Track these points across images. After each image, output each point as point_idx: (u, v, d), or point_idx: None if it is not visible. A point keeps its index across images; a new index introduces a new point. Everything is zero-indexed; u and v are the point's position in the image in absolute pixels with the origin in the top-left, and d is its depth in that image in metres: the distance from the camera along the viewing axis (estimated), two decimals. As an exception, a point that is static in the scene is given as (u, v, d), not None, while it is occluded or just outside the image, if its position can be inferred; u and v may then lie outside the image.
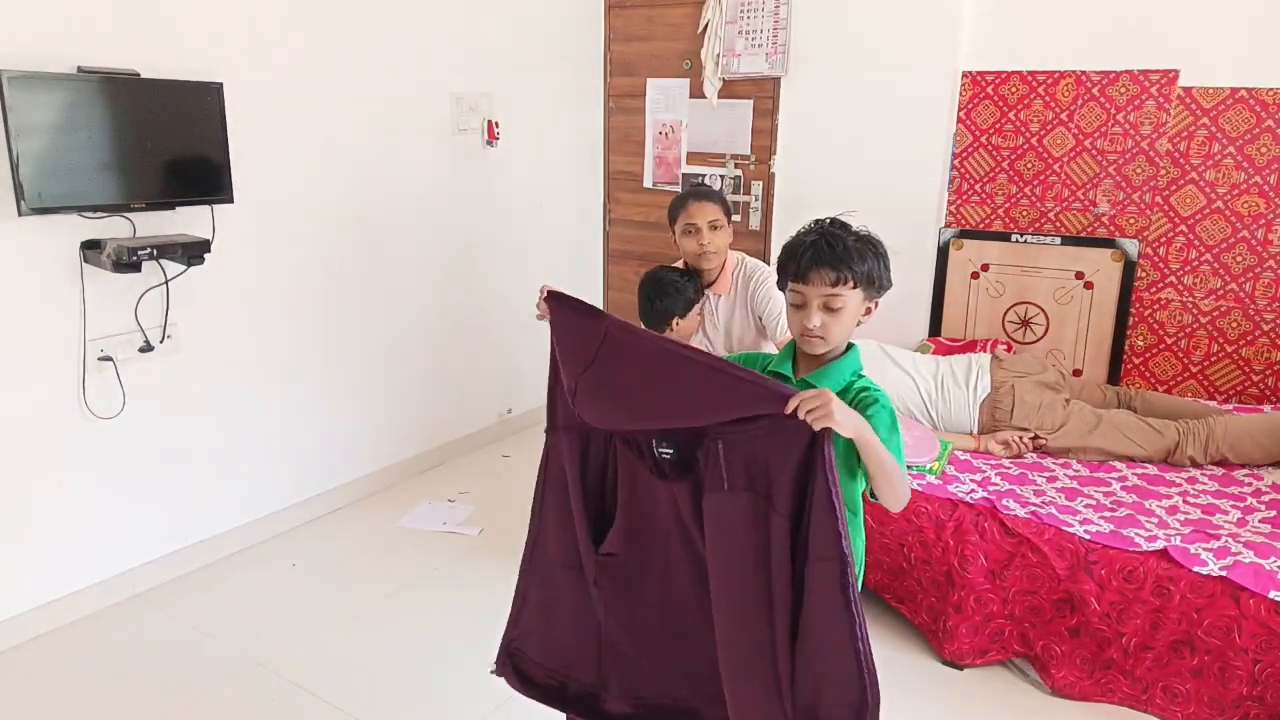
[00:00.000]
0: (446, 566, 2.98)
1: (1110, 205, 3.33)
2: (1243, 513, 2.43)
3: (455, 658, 2.50)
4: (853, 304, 1.51)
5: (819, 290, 1.49)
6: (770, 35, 3.72)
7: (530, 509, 1.74)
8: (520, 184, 3.97)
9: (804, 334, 1.51)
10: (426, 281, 3.62)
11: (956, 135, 3.55)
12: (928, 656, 2.50)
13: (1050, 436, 2.77)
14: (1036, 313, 3.50)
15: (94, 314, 2.55)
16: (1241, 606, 2.09)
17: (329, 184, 3.15)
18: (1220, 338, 3.25)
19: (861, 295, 1.52)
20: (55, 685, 2.38)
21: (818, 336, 1.50)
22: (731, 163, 4.00)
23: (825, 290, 1.49)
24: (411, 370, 3.62)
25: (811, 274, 1.49)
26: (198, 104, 2.61)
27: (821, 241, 1.51)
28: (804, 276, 1.50)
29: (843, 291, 1.49)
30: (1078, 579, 2.25)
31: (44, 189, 2.32)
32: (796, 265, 1.51)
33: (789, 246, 1.55)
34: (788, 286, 1.53)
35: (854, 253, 1.49)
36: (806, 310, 1.50)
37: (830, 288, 1.49)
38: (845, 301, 1.50)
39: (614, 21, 4.22)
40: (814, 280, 1.49)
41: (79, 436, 2.58)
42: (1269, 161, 3.06)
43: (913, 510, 2.47)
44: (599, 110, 4.34)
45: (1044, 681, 2.35)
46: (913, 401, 2.92)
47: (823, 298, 1.49)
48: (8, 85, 2.22)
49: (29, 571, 2.54)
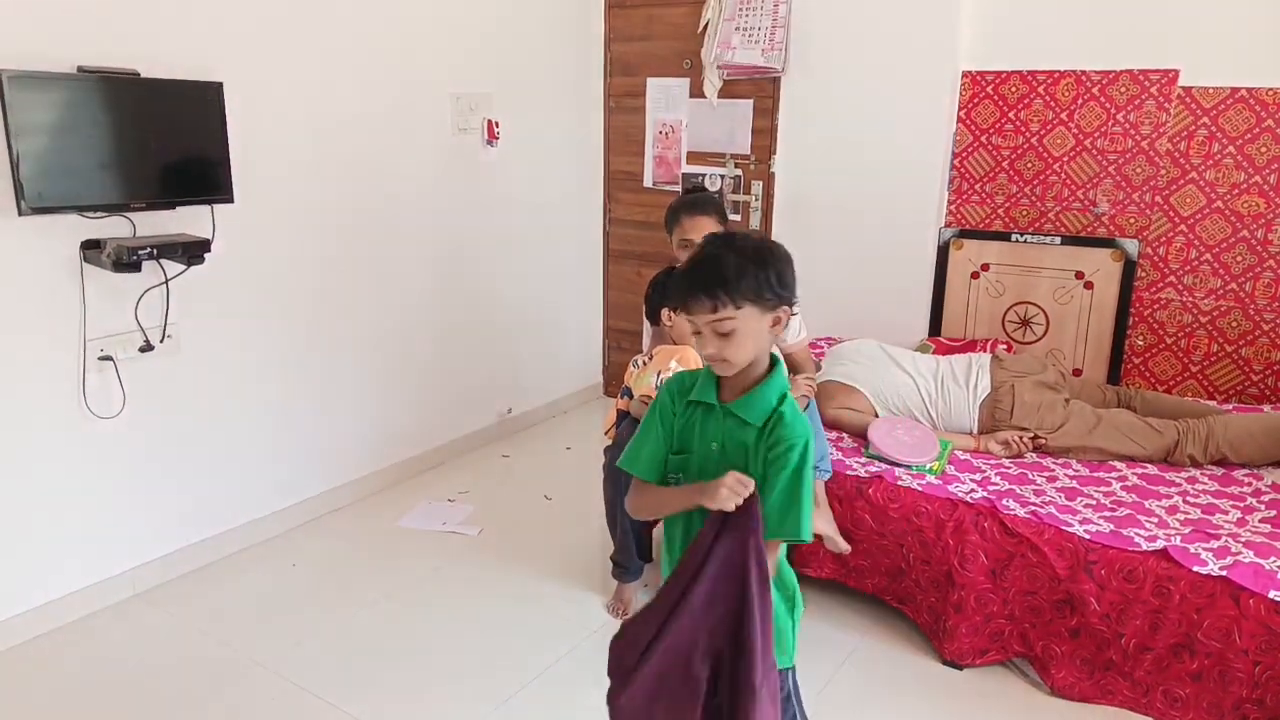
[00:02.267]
0: (446, 566, 2.98)
1: (1110, 205, 3.33)
2: (1243, 513, 2.43)
3: (455, 658, 2.50)
4: (747, 324, 1.41)
5: (703, 318, 1.42)
6: (769, 34, 3.72)
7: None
8: (520, 184, 3.97)
9: (707, 360, 1.46)
10: (426, 281, 3.62)
11: (956, 135, 3.55)
12: (928, 656, 2.50)
13: (1050, 436, 2.77)
14: (1036, 312, 3.50)
15: (94, 314, 2.55)
16: (1241, 606, 2.09)
17: (329, 184, 3.15)
18: (1220, 337, 3.25)
19: (755, 311, 1.42)
20: (55, 685, 2.38)
21: (721, 360, 1.43)
22: (731, 162, 4.00)
23: (708, 317, 1.41)
24: (411, 370, 3.62)
25: (690, 304, 1.42)
26: (198, 104, 2.61)
27: (697, 269, 1.44)
28: (685, 307, 1.44)
29: (726, 315, 1.40)
30: (1078, 579, 2.25)
31: (44, 189, 2.32)
32: (678, 295, 1.46)
33: (663, 280, 1.52)
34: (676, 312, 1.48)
35: (732, 274, 1.39)
36: (701, 338, 1.44)
37: (712, 314, 1.41)
38: (735, 324, 1.41)
39: (614, 21, 4.22)
40: (695, 310, 1.42)
41: (79, 436, 2.58)
42: (1269, 161, 3.06)
43: (913, 510, 2.47)
44: (599, 110, 4.34)
45: (1044, 682, 2.35)
46: (913, 401, 2.92)
47: (709, 324, 1.42)
48: (8, 85, 2.22)
49: (29, 571, 2.54)
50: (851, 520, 2.56)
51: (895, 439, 2.70)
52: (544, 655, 2.51)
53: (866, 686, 2.40)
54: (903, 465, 2.62)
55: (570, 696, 2.36)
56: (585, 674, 2.46)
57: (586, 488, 3.20)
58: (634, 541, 2.69)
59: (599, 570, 2.95)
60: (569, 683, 2.41)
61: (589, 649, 2.56)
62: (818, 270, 3.80)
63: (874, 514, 2.53)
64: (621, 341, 4.59)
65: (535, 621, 2.67)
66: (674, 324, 2.53)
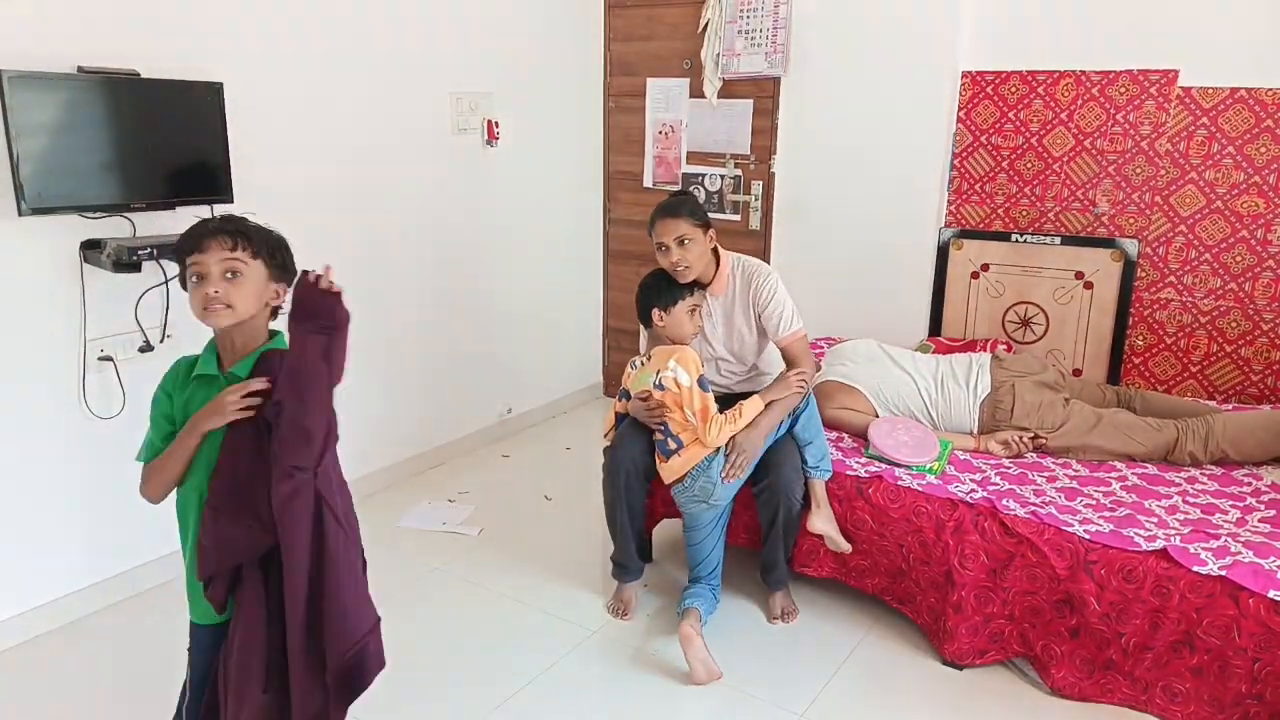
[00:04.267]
0: (446, 566, 2.98)
1: (1110, 205, 3.33)
2: (1242, 512, 2.43)
3: (455, 658, 2.50)
4: (256, 274, 1.54)
5: (218, 255, 1.51)
6: (770, 35, 3.73)
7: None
8: (520, 184, 3.97)
9: (206, 305, 1.51)
10: (426, 281, 3.62)
11: (956, 135, 3.55)
12: (928, 656, 2.50)
13: (1050, 436, 2.77)
14: (1036, 312, 3.50)
15: (94, 314, 2.55)
16: (1241, 606, 2.09)
17: (329, 184, 3.15)
18: (1220, 337, 3.25)
19: (265, 271, 1.56)
20: (55, 685, 2.38)
21: (222, 304, 1.51)
22: (731, 163, 4.00)
23: (224, 255, 1.51)
24: (411, 370, 3.62)
25: (207, 241, 1.51)
26: (198, 104, 2.61)
27: (215, 219, 1.57)
28: (202, 245, 1.51)
29: (243, 257, 1.52)
30: (1077, 579, 2.25)
31: (44, 189, 2.32)
32: (190, 240, 1.53)
33: (187, 231, 1.56)
34: (186, 268, 1.53)
35: (253, 227, 1.56)
36: (208, 279, 1.51)
37: (230, 252, 1.51)
38: (248, 270, 1.53)
39: (614, 21, 4.22)
40: (211, 247, 1.51)
41: (79, 436, 2.58)
42: (1268, 161, 3.07)
43: (912, 510, 2.47)
44: (599, 110, 4.34)
45: (1044, 681, 2.35)
46: (913, 401, 2.92)
47: (223, 263, 1.51)
48: (8, 85, 2.22)
49: (29, 571, 2.54)
50: (851, 520, 2.56)
51: (895, 439, 2.70)
52: (544, 656, 2.51)
53: (866, 686, 2.40)
54: (903, 465, 2.62)
55: (570, 697, 2.36)
56: (585, 675, 2.46)
57: (586, 488, 3.20)
58: (634, 542, 2.70)
59: (599, 570, 2.95)
60: (569, 683, 2.41)
61: (589, 649, 2.56)
62: (817, 270, 3.81)
63: (874, 514, 2.53)
64: (621, 341, 4.59)
65: (535, 622, 2.68)
66: (666, 324, 2.52)
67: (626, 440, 2.60)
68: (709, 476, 2.45)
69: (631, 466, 2.59)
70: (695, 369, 2.44)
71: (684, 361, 2.44)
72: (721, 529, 2.59)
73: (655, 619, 2.70)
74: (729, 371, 2.77)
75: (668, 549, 3.08)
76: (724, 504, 2.54)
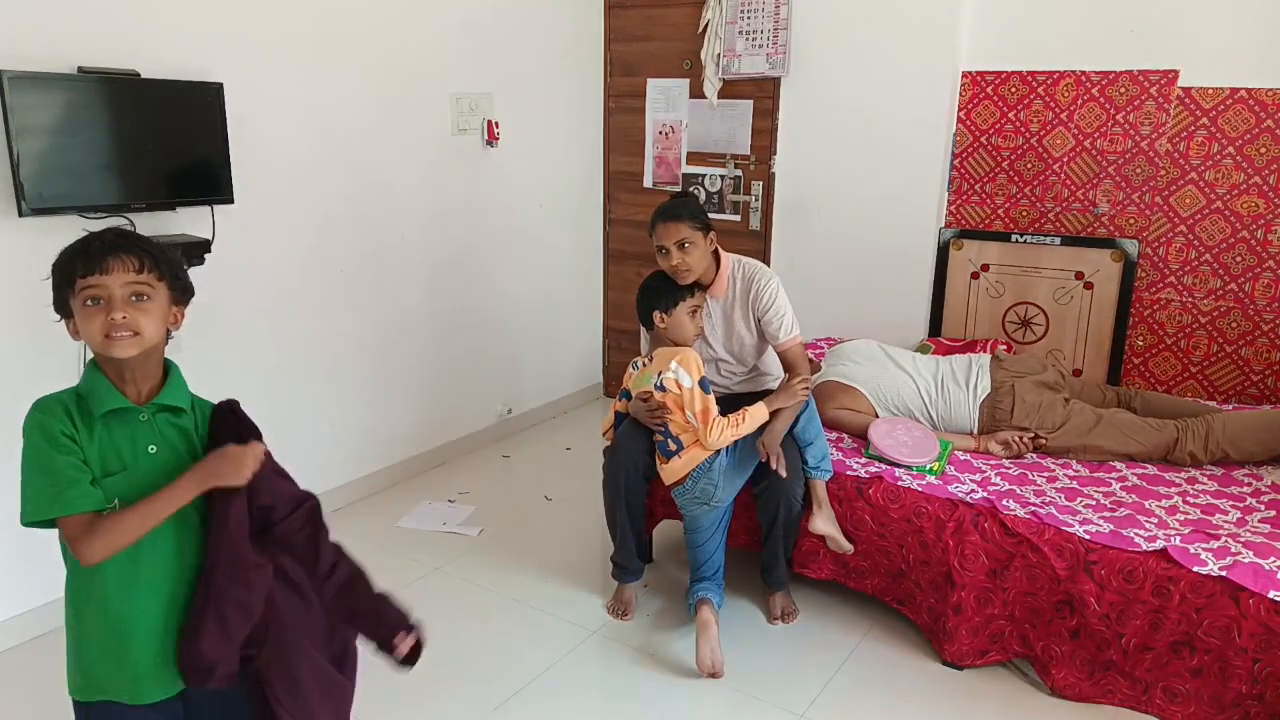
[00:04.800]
0: (446, 566, 2.98)
1: (1110, 205, 3.33)
2: (1242, 513, 2.43)
3: (455, 658, 2.50)
4: (161, 297, 1.40)
5: (122, 278, 1.35)
6: (770, 35, 3.72)
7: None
8: (520, 184, 3.97)
9: (110, 333, 1.34)
10: (426, 281, 3.62)
11: (956, 135, 3.55)
12: (928, 657, 2.50)
13: (1050, 436, 2.77)
14: (1036, 313, 3.50)
15: (94, 314, 2.55)
16: (1241, 606, 2.09)
17: (329, 184, 3.15)
18: (1220, 338, 3.25)
19: (168, 293, 1.41)
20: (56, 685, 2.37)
21: (129, 332, 1.35)
22: (731, 163, 4.00)
23: (130, 277, 1.36)
24: (411, 370, 3.62)
25: (110, 261, 1.34)
26: (198, 104, 2.61)
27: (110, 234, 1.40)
28: (103, 266, 1.34)
29: (150, 279, 1.38)
30: (1077, 579, 2.25)
31: (44, 189, 2.33)
32: (86, 260, 1.35)
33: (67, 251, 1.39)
34: (78, 290, 1.35)
35: (156, 245, 1.41)
36: (110, 303, 1.34)
37: (136, 274, 1.36)
38: (154, 293, 1.38)
39: (614, 21, 4.22)
40: (115, 269, 1.34)
41: (79, 436, 2.58)
42: (1268, 162, 3.07)
43: (913, 510, 2.47)
44: (599, 110, 4.34)
45: (1044, 682, 2.35)
46: (913, 401, 2.92)
47: (128, 286, 1.35)
48: (8, 85, 2.22)
49: (29, 571, 2.54)
50: (852, 521, 2.56)
51: (895, 439, 2.70)
52: (544, 656, 2.51)
53: (867, 687, 2.40)
54: (903, 466, 2.62)
55: (570, 697, 2.36)
56: (585, 675, 2.46)
57: (586, 488, 3.20)
58: (634, 542, 2.69)
59: (599, 571, 2.95)
60: (569, 684, 2.41)
61: (589, 650, 2.56)
62: (817, 270, 3.81)
63: (874, 514, 2.53)
64: (621, 341, 4.59)
65: (535, 622, 2.68)
66: (667, 326, 2.52)
67: (627, 441, 2.60)
68: (710, 479, 2.45)
69: (631, 467, 2.59)
70: (697, 371, 2.44)
71: (686, 363, 2.44)
72: (723, 531, 2.59)
73: (655, 619, 2.70)
74: (729, 372, 2.77)
75: (668, 549, 3.08)
76: (724, 506, 2.54)
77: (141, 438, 1.41)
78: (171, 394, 1.44)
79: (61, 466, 1.34)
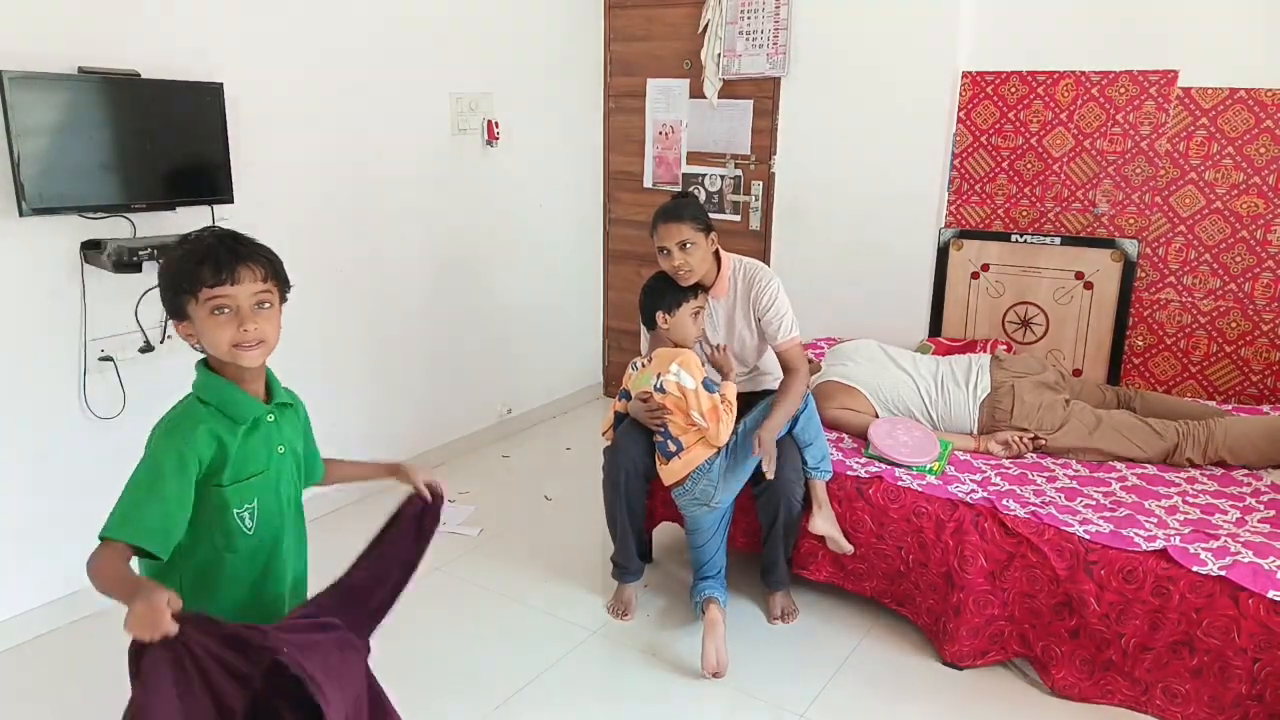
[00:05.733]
0: (446, 566, 2.98)
1: (1110, 205, 3.33)
2: (1242, 513, 2.43)
3: (455, 658, 2.50)
4: (278, 303, 1.46)
5: (251, 289, 1.39)
6: (770, 35, 3.73)
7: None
8: (520, 184, 3.97)
9: (240, 343, 1.38)
10: (426, 281, 3.62)
11: (956, 135, 3.55)
12: (928, 657, 2.50)
13: (1050, 437, 2.77)
14: (1036, 313, 3.50)
15: (94, 314, 2.55)
16: (1240, 606, 2.09)
17: (329, 184, 3.15)
18: (1219, 338, 3.25)
19: (281, 297, 1.47)
20: (57, 685, 2.38)
21: (256, 341, 1.39)
22: (731, 163, 4.00)
23: (258, 287, 1.40)
24: (411, 370, 3.62)
25: (240, 270, 1.37)
26: (198, 104, 2.61)
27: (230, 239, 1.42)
28: (235, 276, 1.37)
29: (272, 288, 1.43)
30: (1077, 579, 2.26)
31: (45, 189, 2.33)
32: (215, 269, 1.36)
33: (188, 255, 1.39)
34: (202, 298, 1.36)
35: (260, 247, 1.44)
36: (238, 313, 1.38)
37: (262, 284, 1.41)
38: (275, 300, 1.44)
39: (614, 21, 4.22)
40: (244, 278, 1.38)
41: (79, 436, 2.58)
42: (1268, 162, 3.07)
43: (912, 510, 2.47)
44: (599, 110, 4.34)
45: (1044, 682, 2.35)
46: (913, 401, 2.92)
47: (255, 296, 1.40)
48: (9, 85, 2.22)
49: (30, 571, 2.54)
50: (851, 521, 2.56)
51: (895, 439, 2.70)
52: (544, 655, 2.51)
53: (867, 687, 2.40)
54: (903, 466, 2.62)
55: (570, 697, 2.36)
56: (585, 675, 2.46)
57: (586, 488, 3.20)
58: (634, 542, 2.70)
59: (599, 571, 2.95)
60: (569, 684, 2.41)
61: (589, 649, 2.56)
62: (817, 270, 3.81)
63: (874, 514, 2.53)
64: (621, 341, 4.60)
65: (535, 622, 2.68)
66: (670, 326, 2.52)
67: (626, 441, 2.61)
68: (709, 479, 2.45)
69: (631, 467, 2.59)
70: (699, 372, 2.45)
71: (687, 365, 2.44)
72: (724, 531, 2.59)
73: (656, 619, 2.70)
74: (729, 372, 2.77)
75: (668, 549, 3.08)
76: (724, 506, 2.54)
77: (272, 439, 1.47)
78: (280, 391, 1.50)
79: (168, 494, 1.34)
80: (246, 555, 1.45)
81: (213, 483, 1.39)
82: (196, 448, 1.36)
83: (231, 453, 1.39)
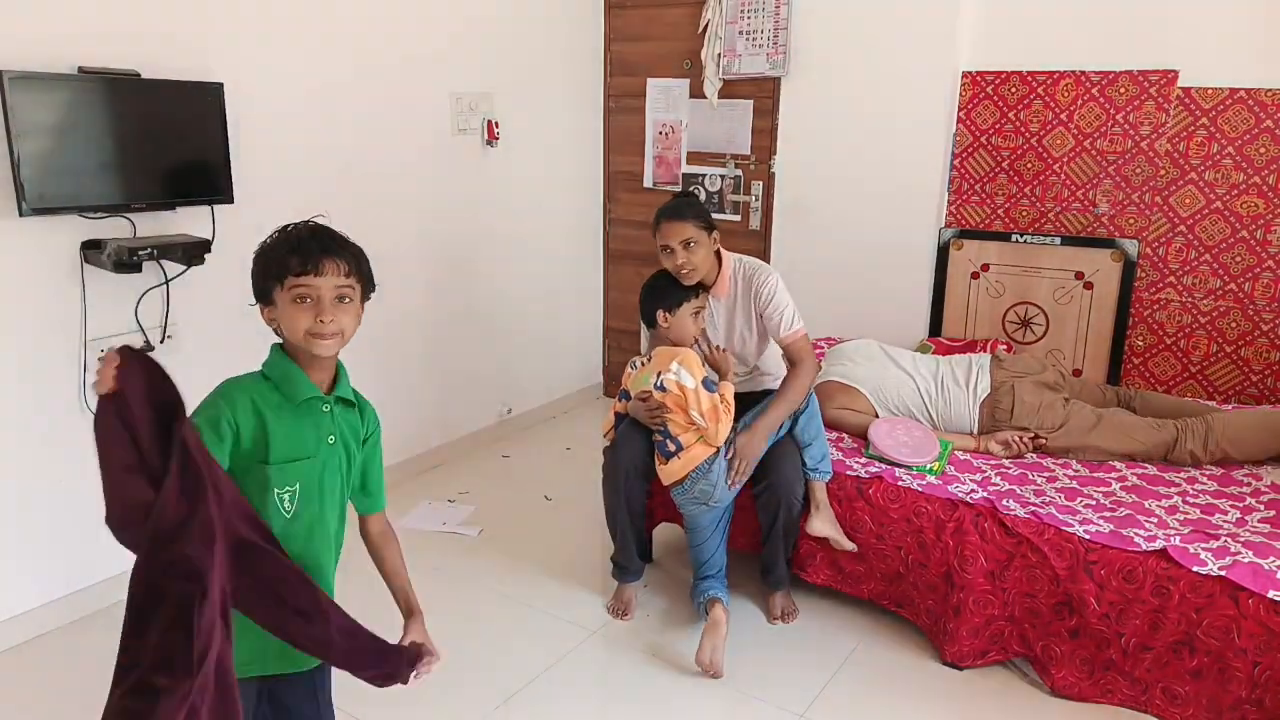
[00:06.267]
0: (446, 566, 2.98)
1: (1110, 205, 3.33)
2: (1242, 513, 2.43)
3: (455, 658, 2.50)
4: (359, 299, 1.48)
5: (334, 281, 1.42)
6: (770, 35, 3.73)
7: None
8: (520, 184, 3.97)
9: (318, 333, 1.42)
10: (426, 281, 3.62)
11: (956, 135, 3.55)
12: (928, 657, 2.50)
13: (1050, 436, 2.77)
14: (1036, 313, 3.50)
15: (94, 314, 2.55)
16: (1240, 606, 2.09)
17: (328, 184, 3.15)
18: (1220, 338, 3.25)
19: (362, 294, 1.49)
20: (58, 684, 2.38)
21: (334, 332, 1.42)
22: (731, 163, 4.00)
23: (340, 281, 1.43)
24: (411, 370, 3.62)
25: (325, 263, 1.41)
26: (198, 104, 2.61)
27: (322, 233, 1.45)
28: (319, 268, 1.41)
29: (354, 283, 1.45)
30: (1077, 579, 2.26)
31: (45, 189, 2.32)
32: (302, 259, 1.41)
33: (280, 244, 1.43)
34: (287, 285, 1.41)
35: (348, 244, 1.47)
36: (318, 303, 1.41)
37: (345, 278, 1.43)
38: (356, 295, 1.47)
39: (614, 21, 4.22)
40: (328, 271, 1.41)
41: (80, 436, 2.58)
42: (1268, 162, 3.07)
43: (912, 510, 2.47)
44: (599, 110, 4.34)
45: (1044, 682, 2.35)
46: (913, 401, 2.92)
47: (337, 289, 1.43)
48: (9, 85, 2.22)
49: (31, 570, 2.54)
50: (851, 521, 2.56)
51: (895, 439, 2.70)
52: (544, 656, 2.51)
53: (867, 687, 2.40)
54: (903, 466, 2.62)
55: (570, 697, 2.36)
56: (585, 675, 2.46)
57: (586, 488, 3.20)
58: (634, 542, 2.70)
59: (599, 570, 2.95)
60: (569, 684, 2.41)
61: (589, 649, 2.56)
62: (817, 270, 3.81)
63: (874, 514, 2.53)
64: (621, 341, 4.59)
65: (535, 622, 2.68)
66: (670, 325, 2.52)
67: (626, 441, 2.61)
68: (709, 479, 2.45)
69: (631, 467, 2.59)
70: (700, 371, 2.44)
71: (687, 364, 2.44)
72: (723, 530, 2.59)
73: (656, 619, 2.70)
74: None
75: (668, 549, 3.08)
76: (724, 506, 2.55)
77: (324, 428, 1.49)
78: (344, 388, 1.52)
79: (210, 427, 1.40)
80: (279, 539, 1.46)
81: (257, 459, 1.43)
82: (235, 411, 1.41)
83: (272, 428, 1.42)
